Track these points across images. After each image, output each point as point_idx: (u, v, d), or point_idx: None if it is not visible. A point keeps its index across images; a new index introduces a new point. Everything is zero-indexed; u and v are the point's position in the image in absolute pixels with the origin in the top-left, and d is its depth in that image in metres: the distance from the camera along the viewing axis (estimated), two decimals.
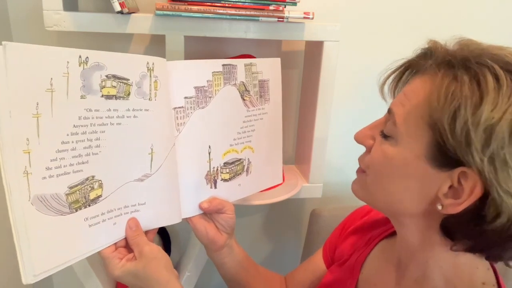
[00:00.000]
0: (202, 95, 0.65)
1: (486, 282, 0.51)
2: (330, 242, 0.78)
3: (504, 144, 0.41)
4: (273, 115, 0.76)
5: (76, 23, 0.76)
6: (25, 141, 0.47)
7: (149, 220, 0.62)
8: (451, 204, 0.45)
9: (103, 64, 0.53)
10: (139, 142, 0.59)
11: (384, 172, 0.51)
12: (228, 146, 0.70)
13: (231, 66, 0.68)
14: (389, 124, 0.51)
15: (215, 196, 0.69)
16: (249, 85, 0.71)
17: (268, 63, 0.74)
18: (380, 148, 0.52)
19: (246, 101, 0.71)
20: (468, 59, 0.45)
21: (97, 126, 0.53)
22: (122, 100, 0.56)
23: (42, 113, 0.48)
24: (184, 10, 0.76)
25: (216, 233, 0.68)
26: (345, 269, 0.68)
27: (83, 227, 0.54)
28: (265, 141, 0.76)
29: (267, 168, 0.78)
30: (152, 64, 0.59)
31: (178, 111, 0.63)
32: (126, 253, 0.59)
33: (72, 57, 0.50)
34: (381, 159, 0.51)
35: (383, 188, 0.52)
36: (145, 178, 0.60)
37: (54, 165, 0.50)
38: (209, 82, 0.65)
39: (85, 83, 0.51)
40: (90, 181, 0.54)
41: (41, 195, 0.49)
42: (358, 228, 0.72)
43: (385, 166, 0.51)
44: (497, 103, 0.41)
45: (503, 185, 0.42)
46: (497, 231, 0.44)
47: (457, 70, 0.44)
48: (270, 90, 0.74)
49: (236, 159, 0.72)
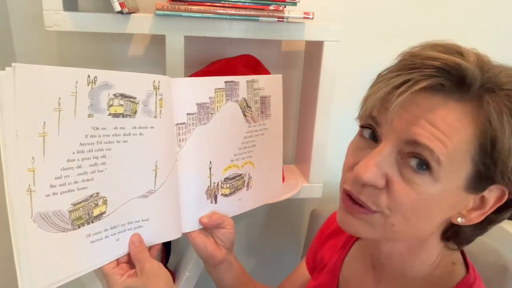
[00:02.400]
0: (204, 111, 0.65)
1: (455, 262, 0.53)
2: (310, 249, 0.78)
3: None
4: (274, 130, 0.77)
5: (76, 23, 0.76)
6: (30, 159, 0.47)
7: (152, 236, 0.62)
8: (476, 216, 0.46)
9: (111, 84, 0.53)
10: (144, 159, 0.59)
11: (420, 212, 0.45)
12: (229, 162, 0.70)
13: (233, 83, 0.68)
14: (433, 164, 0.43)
15: (215, 211, 0.69)
16: (251, 101, 0.71)
17: (270, 80, 0.74)
18: (414, 189, 0.44)
19: (247, 117, 0.71)
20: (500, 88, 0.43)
21: (103, 144, 0.54)
22: (129, 118, 0.56)
23: (48, 132, 0.48)
24: (184, 10, 0.76)
25: (215, 248, 0.68)
26: (325, 273, 0.68)
27: (85, 244, 0.54)
28: (266, 157, 0.76)
29: (267, 183, 0.78)
30: (158, 82, 0.59)
31: (180, 127, 0.63)
32: (128, 269, 0.58)
33: (81, 76, 0.51)
34: (417, 200, 0.44)
35: (413, 226, 0.47)
36: (149, 194, 0.60)
37: (58, 182, 0.50)
38: (211, 98, 0.66)
39: (93, 102, 0.52)
40: (94, 198, 0.54)
41: (44, 212, 0.49)
42: (334, 231, 0.72)
43: (421, 207, 0.45)
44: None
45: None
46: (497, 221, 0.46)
47: (498, 92, 0.42)
48: (271, 106, 0.75)
49: (237, 174, 0.72)
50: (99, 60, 0.95)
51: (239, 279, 0.73)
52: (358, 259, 0.64)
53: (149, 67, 0.97)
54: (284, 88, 0.78)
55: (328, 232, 0.73)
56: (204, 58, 0.95)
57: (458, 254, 0.54)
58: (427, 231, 0.49)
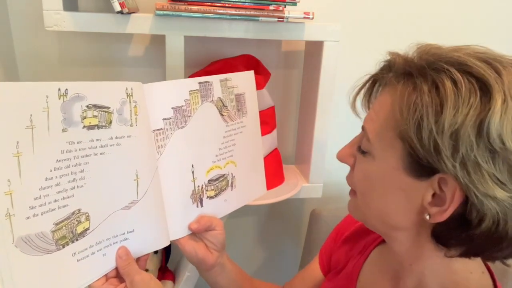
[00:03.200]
0: (181, 115, 0.64)
1: (482, 287, 0.51)
2: (325, 249, 0.77)
3: (473, 146, 0.40)
4: (252, 127, 0.76)
5: (76, 23, 0.76)
6: (6, 182, 0.45)
7: (139, 247, 0.61)
8: (437, 212, 0.45)
9: (83, 95, 0.52)
10: (124, 169, 0.57)
11: (369, 189, 0.52)
12: (211, 163, 0.69)
13: (207, 83, 0.67)
14: (365, 141, 0.51)
15: (202, 214, 0.68)
16: (226, 100, 0.71)
17: (242, 77, 0.74)
18: (360, 167, 0.53)
19: (224, 116, 0.71)
20: (424, 67, 0.44)
21: (80, 158, 0.52)
22: (104, 129, 0.55)
23: (23, 152, 0.46)
24: (184, 10, 0.76)
25: (206, 253, 0.67)
26: (342, 278, 0.68)
27: (71, 263, 0.52)
28: (247, 154, 0.76)
29: (251, 180, 0.78)
30: (130, 89, 0.57)
31: (157, 133, 0.62)
32: (117, 283, 0.57)
33: (51, 90, 0.49)
34: (363, 177, 0.52)
35: (371, 205, 0.53)
36: (132, 205, 0.59)
37: (38, 203, 0.48)
38: (187, 101, 0.65)
39: (66, 115, 0.50)
40: (76, 215, 0.52)
41: (26, 235, 0.47)
42: (352, 235, 0.71)
43: (368, 184, 0.52)
44: (458, 107, 0.41)
45: (479, 188, 0.41)
46: (485, 235, 0.44)
47: (415, 79, 0.45)
48: (246, 103, 0.74)
49: (220, 175, 0.71)
50: (99, 60, 0.95)
51: (234, 281, 0.72)
52: (376, 267, 0.64)
53: (149, 67, 0.97)
54: (284, 88, 0.78)
55: (346, 234, 0.72)
56: (204, 58, 0.96)
57: (486, 277, 0.52)
58: (398, 219, 0.50)
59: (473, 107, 0.40)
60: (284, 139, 1.08)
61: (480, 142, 0.40)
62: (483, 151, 0.40)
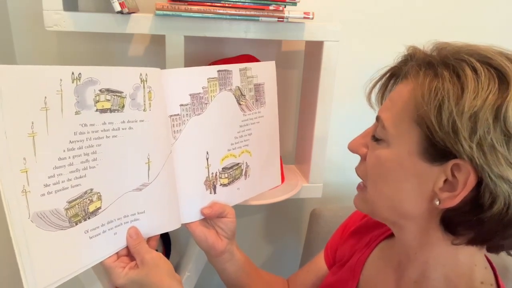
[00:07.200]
0: (198, 101, 0.65)
1: (485, 282, 0.52)
2: (331, 243, 0.78)
3: (490, 128, 0.42)
4: (270, 118, 0.76)
5: (76, 23, 0.76)
6: (22, 160, 0.47)
7: (149, 228, 0.63)
8: (448, 197, 0.46)
9: (96, 79, 0.53)
10: (136, 152, 0.59)
11: (382, 176, 0.52)
12: (226, 151, 0.70)
13: (226, 72, 0.68)
14: (379, 129, 0.52)
15: (215, 201, 0.69)
16: (245, 89, 0.71)
17: (263, 67, 0.74)
18: (373, 153, 0.53)
19: (242, 105, 0.71)
20: (447, 57, 0.47)
21: (93, 140, 0.54)
22: (116, 112, 0.56)
23: (37, 132, 0.48)
24: (184, 10, 0.76)
25: (216, 239, 0.68)
26: (346, 270, 0.68)
27: (84, 240, 0.54)
28: (263, 144, 0.76)
29: (266, 171, 0.78)
30: (145, 75, 0.59)
31: (174, 119, 0.63)
32: (128, 262, 0.59)
33: (65, 74, 0.50)
34: (377, 163, 0.52)
35: (383, 193, 0.53)
36: (143, 187, 0.61)
37: (52, 181, 0.50)
38: (205, 88, 0.65)
39: (79, 99, 0.52)
40: (88, 194, 0.55)
41: (41, 212, 0.49)
42: (358, 229, 0.72)
43: (381, 170, 0.52)
44: (478, 92, 0.43)
45: (494, 169, 0.43)
46: (496, 218, 0.45)
47: (437, 67, 0.46)
48: (265, 93, 0.75)
49: (234, 164, 0.72)
50: (99, 60, 0.95)
51: (242, 269, 0.73)
52: (380, 260, 0.64)
53: (149, 67, 0.97)
54: (284, 88, 0.78)
55: (352, 229, 0.73)
56: (204, 58, 0.96)
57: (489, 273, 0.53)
58: (409, 206, 0.50)
59: (492, 92, 0.42)
60: (284, 139, 1.08)
61: (496, 126, 0.42)
62: (499, 134, 0.42)
